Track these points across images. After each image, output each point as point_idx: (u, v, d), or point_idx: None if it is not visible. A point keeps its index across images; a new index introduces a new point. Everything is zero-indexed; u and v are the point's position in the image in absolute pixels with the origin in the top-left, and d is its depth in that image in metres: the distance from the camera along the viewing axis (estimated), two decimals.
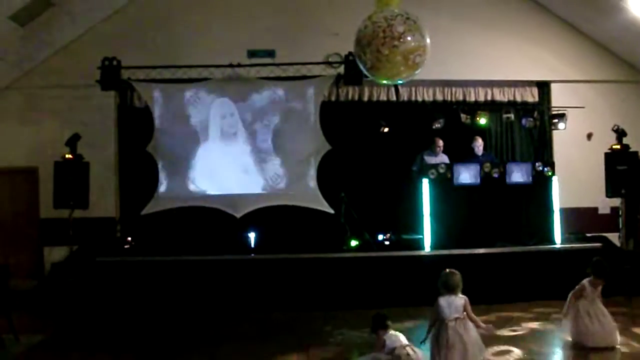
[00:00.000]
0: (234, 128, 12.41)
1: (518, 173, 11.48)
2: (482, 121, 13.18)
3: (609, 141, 12.55)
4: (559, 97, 13.97)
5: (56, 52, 13.29)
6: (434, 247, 11.23)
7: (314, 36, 13.25)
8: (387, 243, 12.05)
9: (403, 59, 7.96)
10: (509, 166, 11.62)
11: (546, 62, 13.86)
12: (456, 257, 10.19)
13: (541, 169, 11.60)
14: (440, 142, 12.67)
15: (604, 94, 14.01)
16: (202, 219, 12.26)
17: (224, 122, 12.43)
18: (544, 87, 14.21)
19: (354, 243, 11.62)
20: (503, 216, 11.44)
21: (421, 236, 11.47)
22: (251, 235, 11.85)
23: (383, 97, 13.77)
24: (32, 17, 11.74)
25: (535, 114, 13.54)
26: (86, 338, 9.09)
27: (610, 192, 12.42)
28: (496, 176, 11.47)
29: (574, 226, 12.83)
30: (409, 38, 8.00)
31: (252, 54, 13.22)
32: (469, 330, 6.45)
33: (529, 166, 11.61)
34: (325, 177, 12.34)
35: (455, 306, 6.45)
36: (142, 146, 12.32)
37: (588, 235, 12.75)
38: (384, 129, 12.99)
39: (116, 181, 13.47)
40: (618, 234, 12.99)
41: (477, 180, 11.45)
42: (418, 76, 8.68)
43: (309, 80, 12.58)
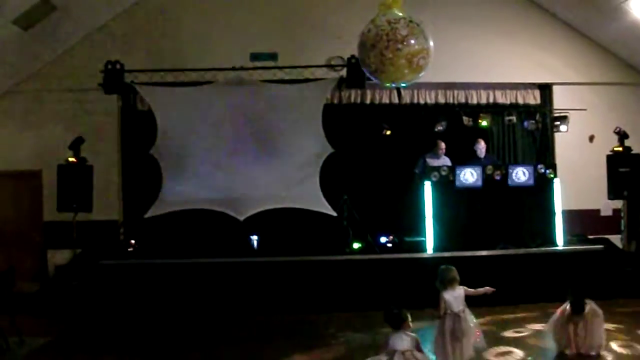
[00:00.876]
0: (236, 131, 12.42)
1: (520, 175, 11.49)
2: (484, 124, 13.19)
3: (611, 143, 12.57)
4: (561, 100, 13.99)
5: (59, 55, 13.35)
6: (436, 249, 11.24)
7: (317, 39, 13.28)
8: (390, 245, 12.04)
9: (407, 62, 7.99)
10: (511, 168, 11.62)
11: (548, 65, 13.88)
12: (458, 259, 10.20)
13: (543, 171, 11.61)
14: (443, 145, 12.68)
15: (606, 96, 14.00)
16: (206, 221, 12.27)
17: (226, 125, 12.45)
18: (545, 89, 14.20)
19: (356, 245, 11.65)
20: (505, 218, 11.46)
21: (423, 238, 11.48)
22: (254, 238, 11.90)
23: (385, 100, 13.78)
24: (35, 21, 11.77)
25: (537, 117, 13.57)
26: (90, 340, 9.14)
27: (612, 194, 12.44)
28: (498, 178, 11.49)
29: (576, 228, 12.81)
30: (412, 41, 8.03)
31: (255, 57, 13.22)
32: (470, 318, 6.77)
33: (531, 168, 11.61)
34: (328, 179, 12.35)
35: (460, 299, 6.73)
36: (146, 149, 12.33)
37: (590, 237, 12.77)
38: (387, 131, 13.00)
39: (119, 184, 13.51)
40: (620, 236, 13.00)
41: (479, 183, 11.47)
42: (420, 79, 8.70)
43: (311, 83, 12.59)
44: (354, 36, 8.90)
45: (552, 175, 11.64)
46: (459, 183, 11.46)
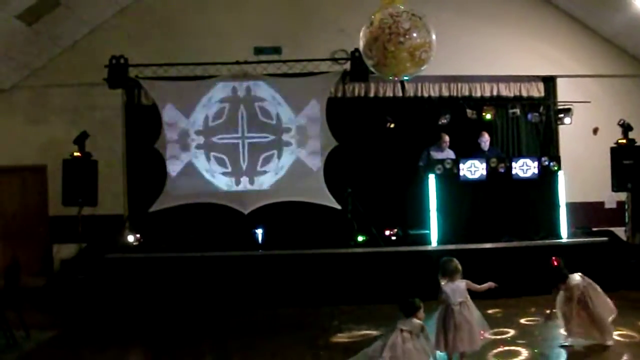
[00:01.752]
0: (240, 125, 12.46)
1: (524, 168, 11.50)
2: (488, 116, 13.18)
3: (615, 136, 12.56)
4: (564, 92, 13.97)
5: (63, 50, 13.38)
6: (440, 242, 11.27)
7: (320, 33, 13.30)
8: (394, 238, 12.06)
9: (409, 56, 7.98)
10: (515, 161, 11.63)
11: (552, 57, 13.86)
12: (462, 251, 10.20)
13: (547, 163, 11.60)
14: (447, 138, 12.69)
15: (610, 88, 13.99)
16: (210, 215, 12.33)
17: (230, 119, 12.49)
18: (549, 82, 14.18)
19: (360, 238, 11.68)
20: (509, 211, 11.46)
21: (428, 231, 11.52)
22: (259, 232, 11.91)
23: (389, 93, 13.78)
24: (39, 16, 11.81)
25: (541, 109, 13.56)
26: (96, 334, 9.18)
27: (617, 186, 12.44)
28: (502, 171, 11.49)
29: (580, 221, 12.85)
30: (414, 34, 8.01)
31: (258, 51, 13.27)
32: (472, 311, 6.68)
33: (535, 161, 11.62)
34: (332, 173, 12.41)
35: (459, 291, 6.71)
36: (150, 143, 12.41)
37: (594, 229, 12.77)
38: (390, 124, 13.01)
39: (124, 178, 13.55)
40: (624, 228, 13.00)
41: (483, 176, 11.48)
42: (424, 72, 8.67)
43: (315, 77, 12.64)
44: (358, 30, 8.90)
45: (556, 168, 11.63)
46: (463, 176, 11.47)
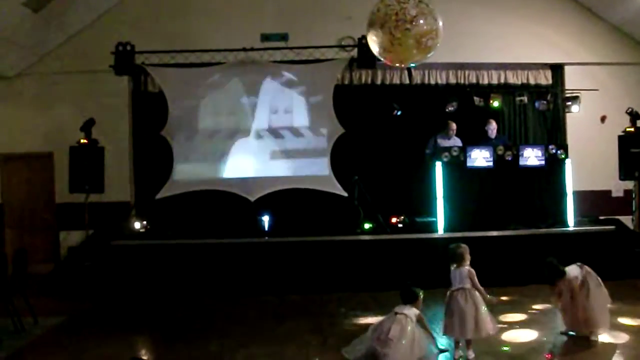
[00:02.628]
0: (246, 112, 12.46)
1: (531, 156, 11.47)
2: (495, 104, 13.21)
3: (622, 124, 12.54)
4: (572, 80, 13.92)
5: (70, 37, 13.37)
6: (447, 229, 11.24)
7: (327, 20, 13.26)
8: (400, 226, 12.06)
9: (415, 43, 7.94)
10: (522, 149, 11.60)
11: (560, 45, 13.79)
12: (469, 239, 10.07)
13: (554, 151, 11.57)
14: (454, 125, 12.65)
15: (618, 76, 13.93)
16: (217, 202, 12.33)
17: (236, 106, 12.50)
18: (557, 69, 14.13)
19: (367, 226, 11.68)
20: (516, 199, 11.46)
21: (434, 219, 11.50)
22: (265, 219, 11.90)
23: (396, 81, 13.76)
24: (46, 2, 11.80)
25: (549, 97, 13.52)
26: (103, 320, 9.22)
27: (624, 174, 12.42)
28: (509, 159, 11.47)
29: (587, 209, 12.83)
30: (421, 21, 7.96)
31: (265, 37, 13.25)
32: (469, 302, 6.66)
33: (542, 149, 11.59)
34: (339, 160, 12.38)
35: (460, 277, 6.76)
36: (157, 130, 12.39)
37: (601, 218, 12.76)
38: (397, 112, 13.00)
39: (131, 165, 13.58)
40: (631, 216, 12.98)
41: (490, 163, 11.45)
42: (431, 59, 8.63)
43: (322, 64, 12.60)
44: (364, 17, 8.86)
45: (563, 156, 11.60)
46: (469, 163, 11.45)
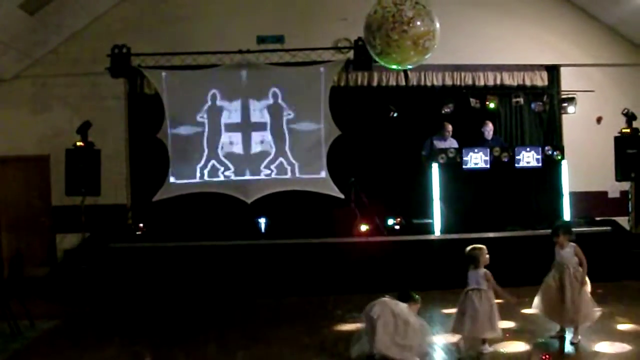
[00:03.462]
0: (243, 114, 12.46)
1: (527, 157, 11.50)
2: (492, 105, 13.23)
3: (618, 125, 12.55)
4: (568, 81, 13.95)
5: (66, 40, 13.34)
6: (443, 231, 11.27)
7: (323, 22, 13.27)
8: (397, 227, 12.06)
9: (413, 44, 7.94)
10: (518, 150, 11.63)
11: (556, 46, 13.82)
12: (466, 241, 10.10)
13: (551, 153, 11.61)
14: (450, 127, 12.66)
15: (614, 77, 13.96)
16: (213, 204, 12.33)
17: (233, 108, 12.49)
18: (553, 71, 14.16)
19: (364, 228, 11.67)
20: (513, 200, 11.48)
21: (431, 220, 11.52)
22: (262, 221, 11.91)
23: (392, 82, 13.77)
24: (42, 5, 11.75)
25: (545, 98, 13.56)
26: (99, 323, 9.19)
27: (620, 175, 12.43)
28: (506, 160, 11.50)
29: (584, 210, 12.84)
30: (418, 23, 7.97)
31: (261, 40, 13.23)
32: (484, 302, 6.79)
33: (538, 150, 11.62)
34: (335, 162, 12.39)
35: (475, 278, 6.89)
36: (153, 133, 12.38)
37: (597, 219, 12.75)
38: (394, 113, 13.03)
39: (127, 168, 13.55)
40: (627, 217, 12.97)
41: (486, 165, 11.47)
42: (427, 61, 8.64)
43: (318, 66, 12.58)
44: (361, 18, 8.87)
45: (559, 157, 11.64)
46: (466, 165, 11.48)
